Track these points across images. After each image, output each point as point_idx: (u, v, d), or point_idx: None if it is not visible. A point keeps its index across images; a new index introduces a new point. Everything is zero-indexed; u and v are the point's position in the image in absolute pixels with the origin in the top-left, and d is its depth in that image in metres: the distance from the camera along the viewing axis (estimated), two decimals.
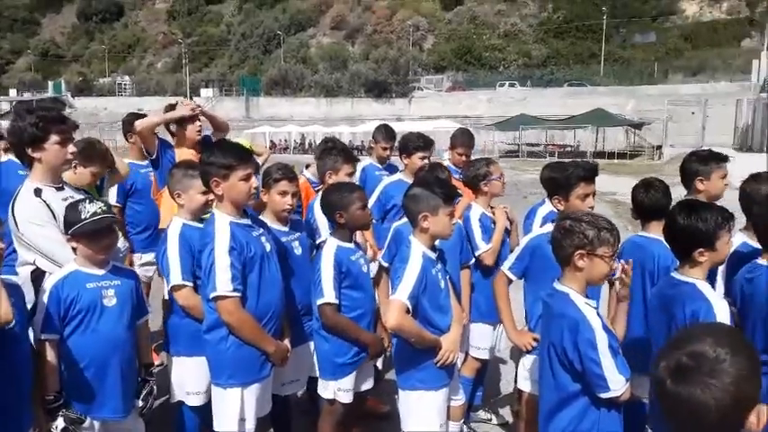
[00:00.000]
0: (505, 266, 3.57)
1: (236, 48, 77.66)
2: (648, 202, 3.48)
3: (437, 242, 3.16)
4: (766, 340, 2.67)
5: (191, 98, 52.63)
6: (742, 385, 1.40)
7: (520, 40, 65.67)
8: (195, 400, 3.40)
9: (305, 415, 4.08)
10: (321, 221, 4.02)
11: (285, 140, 48.94)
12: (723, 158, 3.83)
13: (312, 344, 3.52)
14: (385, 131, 5.51)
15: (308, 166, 5.27)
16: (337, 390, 3.34)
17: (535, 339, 3.28)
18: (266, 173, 3.53)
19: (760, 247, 2.90)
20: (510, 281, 3.57)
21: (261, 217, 3.47)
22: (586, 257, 2.51)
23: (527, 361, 3.42)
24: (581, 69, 59.00)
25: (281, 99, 59.67)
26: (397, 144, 5.40)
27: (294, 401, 3.95)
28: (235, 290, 2.93)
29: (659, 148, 35.88)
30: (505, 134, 41.36)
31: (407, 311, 2.85)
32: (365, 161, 5.74)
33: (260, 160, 4.33)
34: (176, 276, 3.23)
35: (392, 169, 5.35)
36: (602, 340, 2.41)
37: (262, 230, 3.22)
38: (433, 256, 3.08)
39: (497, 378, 5.17)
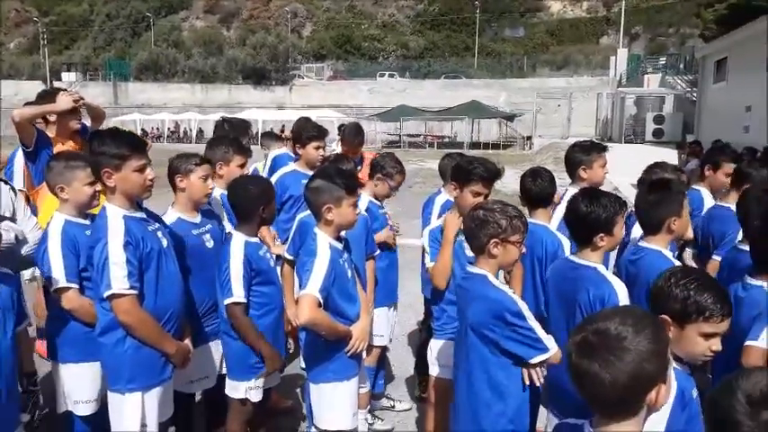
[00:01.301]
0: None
1: (101, 29, 72.33)
2: (536, 189, 3.67)
3: (343, 232, 3.14)
4: None
5: (51, 82, 48.81)
6: (641, 365, 1.43)
7: (398, 31, 66.71)
8: (85, 409, 3.15)
9: (202, 415, 3.94)
10: None
11: (158, 129, 46.32)
12: (603, 148, 4.14)
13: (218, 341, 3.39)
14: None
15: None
16: (248, 389, 3.24)
17: None
18: (179, 160, 3.42)
19: None
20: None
21: (171, 208, 3.37)
22: (500, 245, 2.61)
23: (434, 346, 3.49)
24: (456, 62, 60.95)
25: (153, 85, 56.26)
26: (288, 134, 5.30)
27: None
28: (131, 287, 2.75)
29: (529, 138, 37.91)
30: (387, 125, 41.94)
31: (319, 305, 2.81)
32: (280, 150, 5.58)
33: None
34: (61, 278, 2.98)
35: None
36: (526, 309, 2.55)
37: (158, 225, 3.05)
38: (340, 246, 3.06)
39: (395, 365, 5.25)
